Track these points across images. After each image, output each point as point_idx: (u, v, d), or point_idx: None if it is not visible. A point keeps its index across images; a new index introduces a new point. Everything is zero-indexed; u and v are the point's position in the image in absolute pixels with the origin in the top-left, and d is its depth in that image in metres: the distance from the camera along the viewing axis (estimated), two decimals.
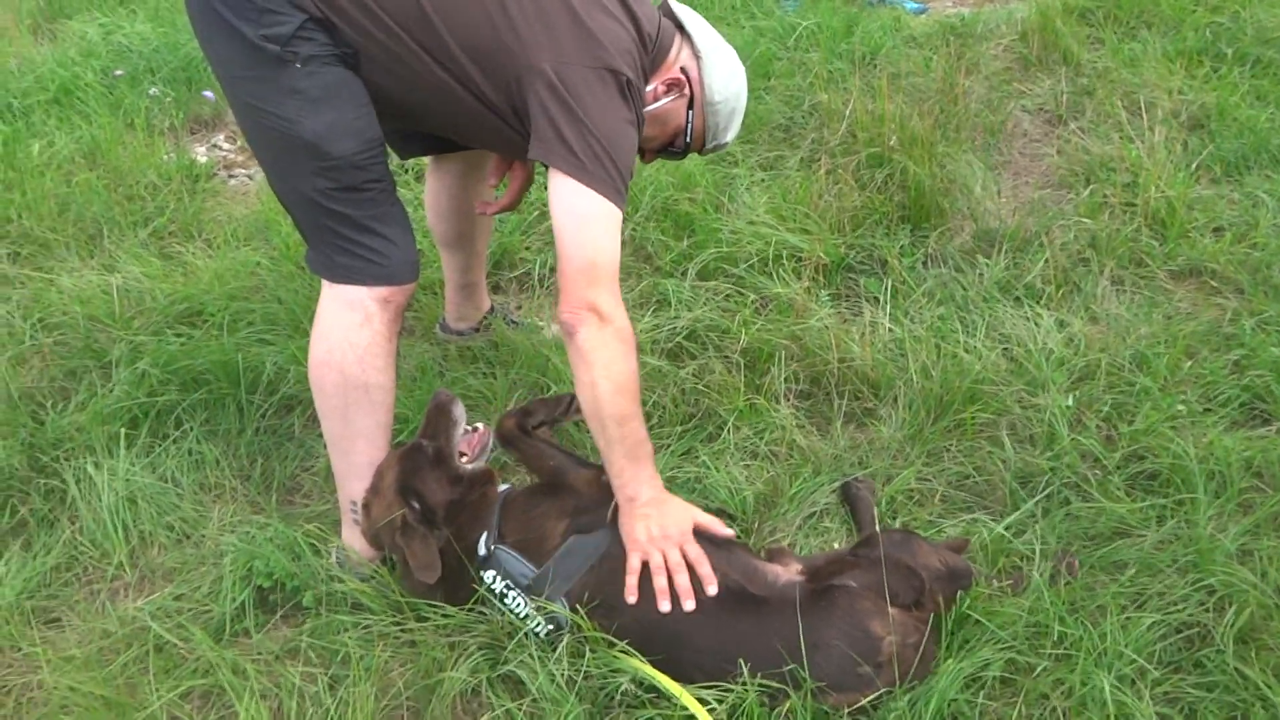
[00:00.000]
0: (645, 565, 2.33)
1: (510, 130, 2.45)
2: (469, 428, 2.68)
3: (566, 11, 2.34)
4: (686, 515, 2.41)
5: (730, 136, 2.73)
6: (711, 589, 2.30)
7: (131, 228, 4.03)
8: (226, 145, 4.88)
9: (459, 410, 2.63)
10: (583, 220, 2.31)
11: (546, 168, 2.35)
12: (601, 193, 2.29)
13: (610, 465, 2.38)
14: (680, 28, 2.64)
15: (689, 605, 2.29)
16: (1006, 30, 5.05)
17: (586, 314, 2.29)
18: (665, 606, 2.29)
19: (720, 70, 2.62)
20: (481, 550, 2.43)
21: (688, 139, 2.67)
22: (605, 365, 2.31)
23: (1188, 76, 4.54)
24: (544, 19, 2.32)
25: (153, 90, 4.92)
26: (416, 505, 2.46)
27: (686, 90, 2.60)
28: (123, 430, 3.00)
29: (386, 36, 2.32)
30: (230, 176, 4.62)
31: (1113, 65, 4.62)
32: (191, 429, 3.05)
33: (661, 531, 2.35)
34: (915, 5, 5.72)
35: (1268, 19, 4.85)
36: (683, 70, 2.60)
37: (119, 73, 5.01)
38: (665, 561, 2.32)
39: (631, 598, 2.31)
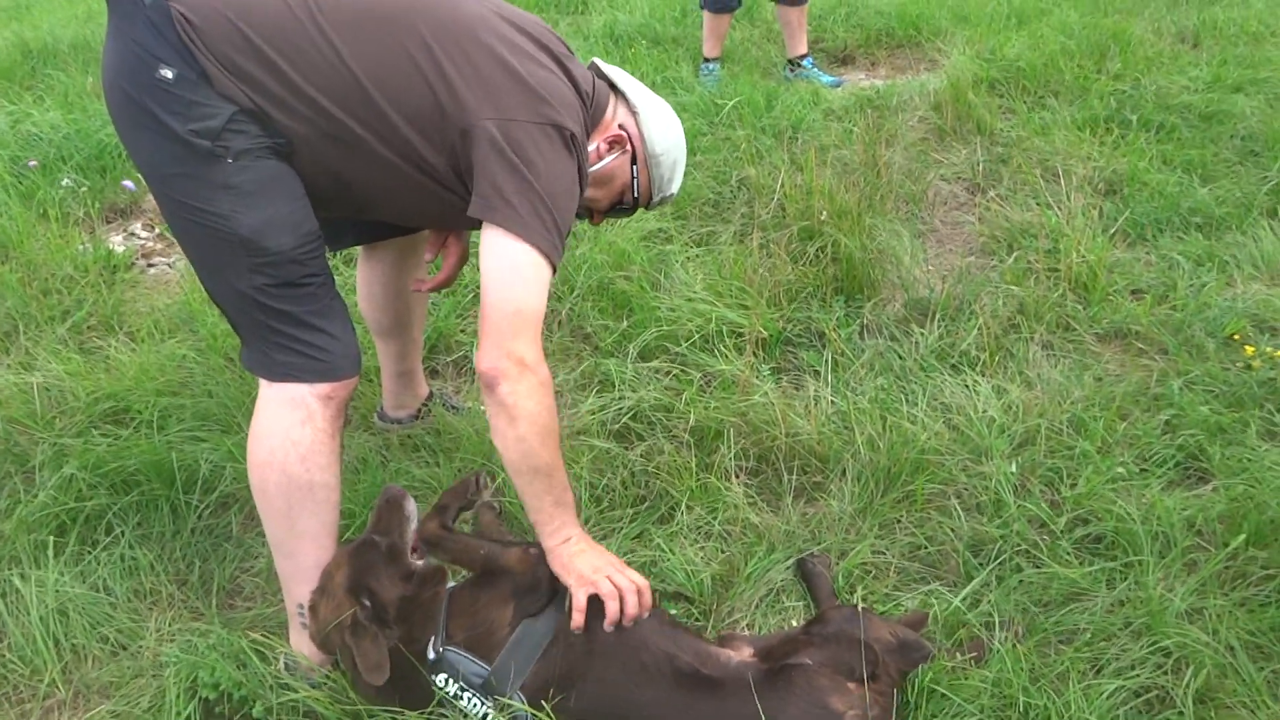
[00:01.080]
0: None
1: (453, 196, 2.42)
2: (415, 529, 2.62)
3: (505, 70, 2.33)
4: (613, 555, 2.43)
5: (675, 188, 2.74)
6: (645, 616, 2.33)
7: (49, 323, 3.90)
8: (144, 233, 4.78)
9: (411, 506, 2.56)
10: (513, 271, 2.27)
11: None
12: (535, 246, 2.27)
13: (540, 514, 2.36)
14: (612, 86, 2.66)
15: (645, 616, 2.32)
16: (920, 102, 5.19)
17: (508, 364, 2.25)
18: (625, 623, 2.30)
19: (658, 122, 2.64)
20: (430, 654, 2.36)
21: (635, 194, 2.68)
22: (531, 417, 2.28)
23: (1098, 143, 4.70)
24: (482, 78, 2.31)
25: (66, 180, 4.81)
26: (368, 603, 2.38)
27: (628, 146, 2.62)
28: (51, 538, 2.87)
29: (321, 118, 2.28)
30: (150, 265, 4.52)
31: (1025, 134, 4.77)
32: (124, 533, 2.93)
33: (604, 561, 2.35)
34: (831, 79, 5.85)
35: (1167, 85, 5.06)
36: (621, 127, 2.61)
37: (33, 163, 4.89)
38: (616, 587, 2.31)
39: (579, 621, 2.29)
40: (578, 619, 2.29)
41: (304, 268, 2.34)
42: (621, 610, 2.31)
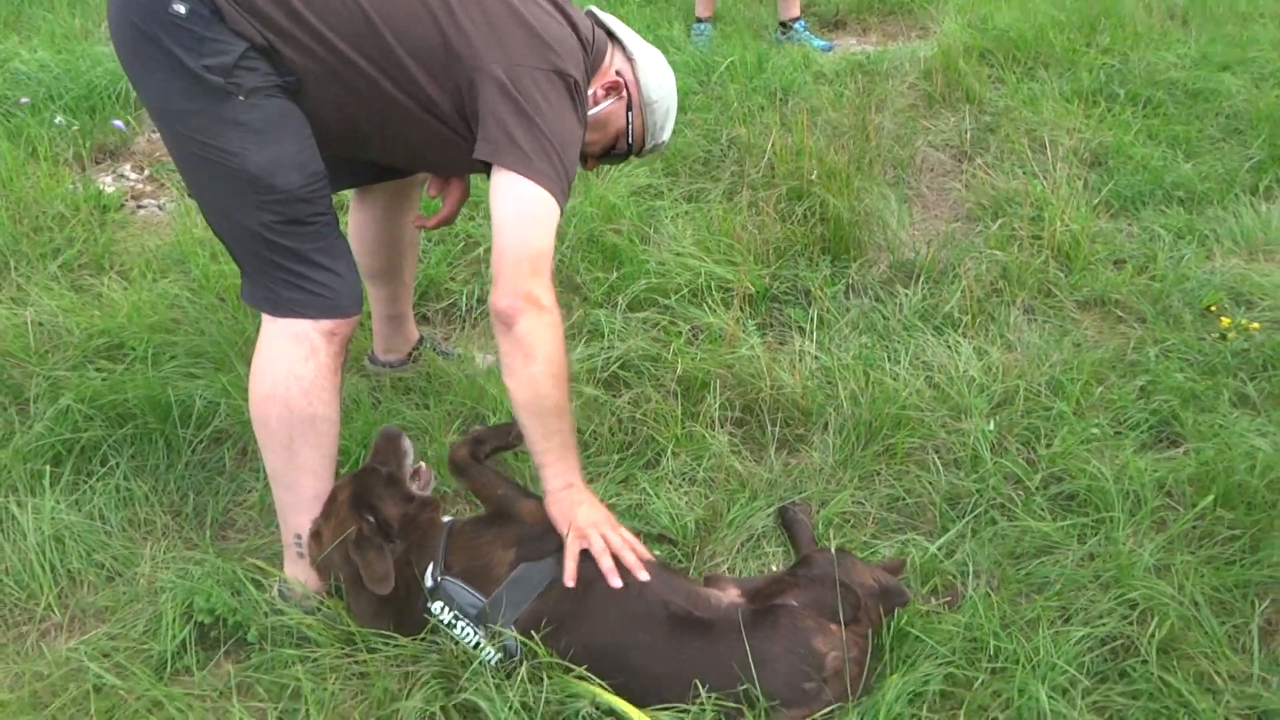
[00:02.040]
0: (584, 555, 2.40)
1: (457, 138, 2.47)
2: (412, 465, 2.68)
3: (513, 16, 2.39)
4: (610, 514, 2.50)
5: (667, 135, 2.81)
6: (643, 575, 2.37)
7: (40, 260, 3.92)
8: (133, 175, 4.79)
9: (407, 442, 2.63)
10: (526, 212, 2.34)
11: (488, 174, 2.38)
12: (546, 188, 2.34)
13: (546, 455, 2.43)
14: (609, 34, 2.72)
15: (644, 576, 2.36)
16: (910, 69, 5.23)
17: (525, 304, 2.32)
18: (616, 582, 2.35)
19: (653, 70, 2.70)
20: (429, 581, 2.43)
21: (629, 140, 2.74)
22: (546, 356, 2.35)
23: (1085, 116, 4.76)
24: (491, 23, 2.36)
25: (58, 119, 4.80)
26: (371, 519, 2.45)
27: (624, 93, 2.68)
28: (47, 468, 2.92)
29: (331, 55, 2.31)
30: (139, 207, 4.53)
31: (1014, 104, 4.83)
32: (119, 465, 2.98)
33: (601, 515, 2.43)
34: (822, 43, 5.88)
35: (1155, 61, 5.12)
36: (618, 73, 2.67)
37: (25, 100, 4.88)
38: (607, 543, 2.38)
39: (570, 582, 2.35)
40: (570, 572, 2.36)
41: (311, 206, 2.38)
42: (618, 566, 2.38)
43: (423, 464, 2.70)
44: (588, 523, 2.41)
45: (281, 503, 2.57)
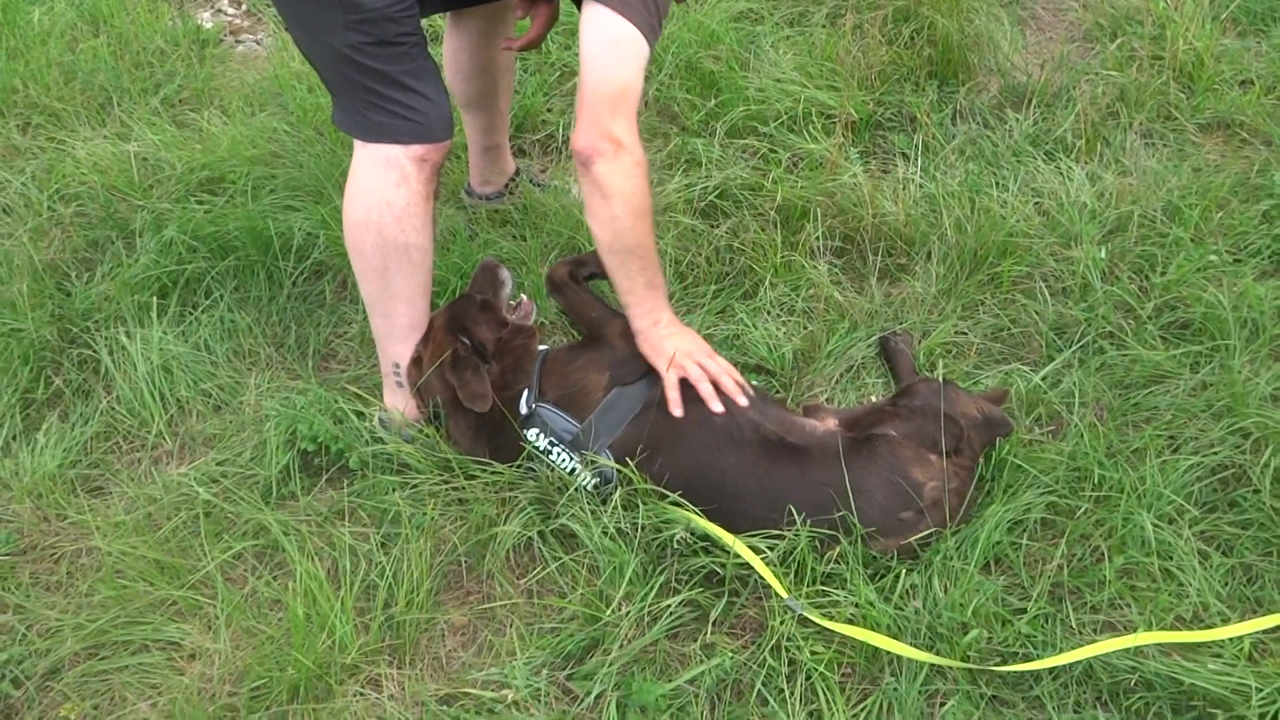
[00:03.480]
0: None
1: None
2: (512, 301, 2.68)
3: None
4: (704, 341, 2.50)
5: None
6: (742, 400, 2.38)
7: (142, 95, 3.94)
8: (231, 10, 4.75)
9: (505, 274, 2.65)
10: (615, 49, 2.27)
11: (577, 5, 2.31)
12: (636, 25, 2.26)
13: (631, 294, 2.42)
14: None
15: (743, 401, 2.37)
16: None
17: (604, 143, 2.28)
18: (718, 407, 2.36)
19: None
20: (523, 409, 2.45)
21: None
22: (625, 196, 2.31)
23: None
24: None
25: None
26: (466, 341, 2.49)
27: None
28: (153, 299, 2.98)
29: None
30: (238, 42, 4.51)
31: None
32: (222, 297, 3.04)
33: (695, 345, 2.44)
34: None
35: None
36: None
37: None
38: (704, 370, 2.39)
39: (677, 410, 2.36)
40: (675, 402, 2.37)
41: (399, 26, 2.33)
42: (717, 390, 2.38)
43: (524, 296, 2.71)
44: (682, 353, 2.40)
45: (379, 331, 2.60)
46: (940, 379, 2.53)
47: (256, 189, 3.31)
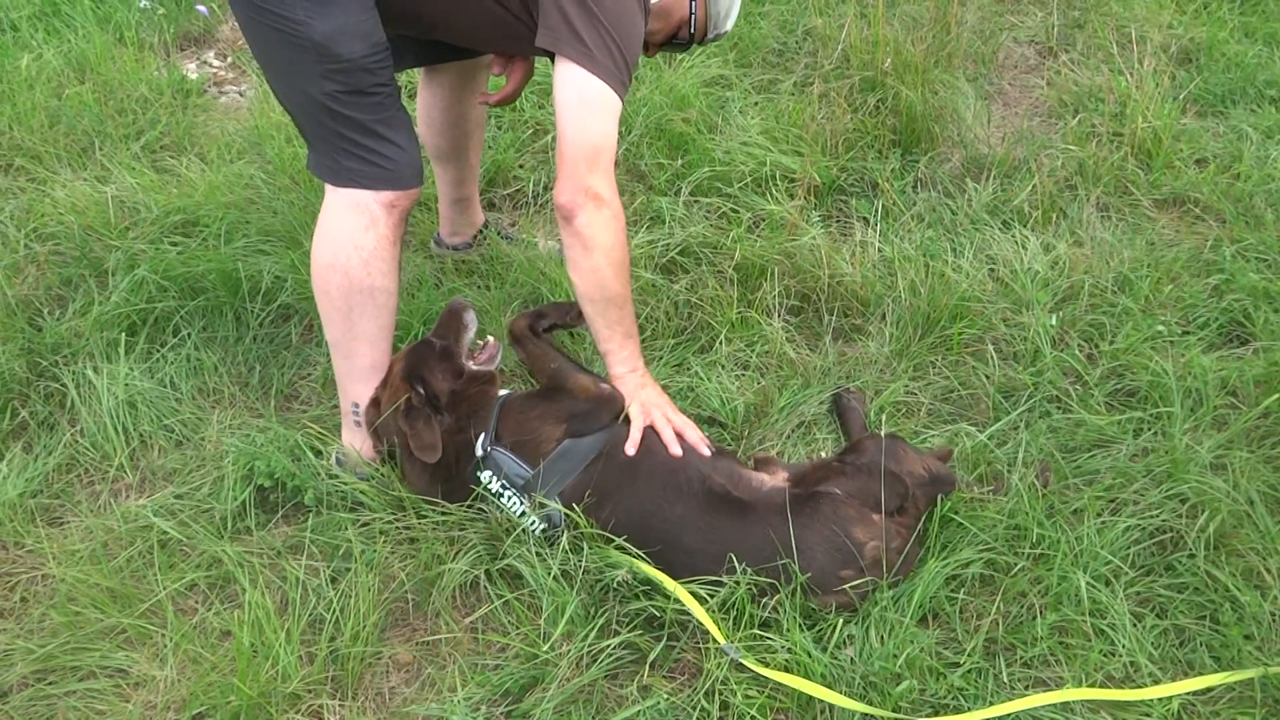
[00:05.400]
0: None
1: (518, 23, 2.50)
2: (479, 341, 2.73)
3: None
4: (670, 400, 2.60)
5: (730, 25, 2.80)
6: (706, 451, 2.47)
7: (123, 140, 4.01)
8: (217, 62, 4.85)
9: (470, 316, 2.69)
10: (587, 106, 2.36)
11: (551, 61, 2.39)
12: (606, 81, 2.35)
13: (610, 343, 2.53)
14: None
15: (706, 452, 2.46)
16: None
17: (585, 199, 2.37)
18: (677, 450, 2.44)
19: None
20: (479, 450, 2.49)
21: (691, 30, 2.73)
22: (606, 249, 2.40)
23: (1178, 11, 4.59)
24: None
25: (144, 3, 4.88)
26: (421, 390, 2.53)
27: None
28: (122, 336, 3.02)
29: None
30: (221, 93, 4.60)
31: None
32: (189, 336, 3.08)
33: (663, 400, 2.55)
34: None
35: None
36: None
37: None
38: (669, 422, 2.49)
39: (632, 449, 2.43)
40: (634, 441, 2.44)
41: (373, 76, 2.41)
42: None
43: (490, 338, 2.75)
44: (651, 404, 2.50)
45: (340, 371, 2.65)
46: (885, 435, 2.57)
47: (230, 233, 3.37)
